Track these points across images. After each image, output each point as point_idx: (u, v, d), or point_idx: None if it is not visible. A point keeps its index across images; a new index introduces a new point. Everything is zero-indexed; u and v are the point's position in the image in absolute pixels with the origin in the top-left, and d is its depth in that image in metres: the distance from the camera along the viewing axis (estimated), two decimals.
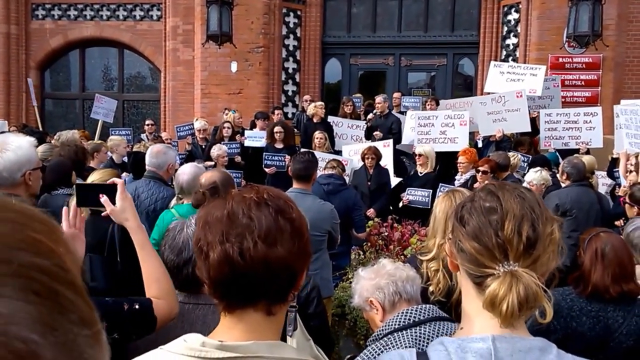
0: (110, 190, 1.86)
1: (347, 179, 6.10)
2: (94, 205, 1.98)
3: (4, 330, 0.34)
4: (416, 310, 1.71)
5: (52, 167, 3.65)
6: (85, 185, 2.08)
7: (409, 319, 1.69)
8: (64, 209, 1.86)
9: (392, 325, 1.70)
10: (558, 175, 5.41)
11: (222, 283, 1.04)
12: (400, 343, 1.62)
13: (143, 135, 9.01)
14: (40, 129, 10.37)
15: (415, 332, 1.65)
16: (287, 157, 7.04)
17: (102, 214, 1.91)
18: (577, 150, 7.05)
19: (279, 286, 1.05)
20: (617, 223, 4.75)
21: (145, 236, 1.90)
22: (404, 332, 1.66)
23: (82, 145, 5.79)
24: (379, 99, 8.36)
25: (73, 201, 1.89)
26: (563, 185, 5.09)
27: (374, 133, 7.96)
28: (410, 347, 1.58)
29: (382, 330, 1.72)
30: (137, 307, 1.63)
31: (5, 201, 0.42)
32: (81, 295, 0.41)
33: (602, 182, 6.39)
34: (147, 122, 9.30)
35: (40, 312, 0.36)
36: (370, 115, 8.45)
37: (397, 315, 1.72)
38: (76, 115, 12.96)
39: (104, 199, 1.83)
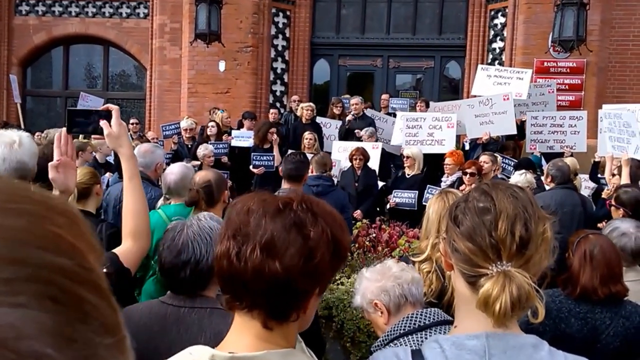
0: (104, 117, 1.78)
1: (335, 180, 6.09)
2: (85, 132, 1.93)
3: (16, 347, 0.29)
4: (421, 315, 1.69)
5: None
6: (76, 111, 1.94)
7: (414, 324, 1.66)
8: (56, 135, 1.79)
9: (397, 330, 1.68)
10: (542, 178, 5.46)
11: (221, 276, 1.01)
12: None
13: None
14: (22, 126, 10.21)
15: (422, 337, 1.62)
16: (276, 154, 7.02)
17: (94, 136, 1.87)
18: (561, 154, 7.14)
19: (275, 302, 0.98)
20: (599, 225, 4.80)
21: (136, 169, 1.87)
22: (410, 336, 1.64)
23: None
24: (354, 100, 8.25)
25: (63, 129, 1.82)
26: (547, 187, 5.13)
27: (356, 131, 7.88)
28: None
29: (388, 335, 1.70)
30: (106, 270, 1.62)
31: (22, 188, 0.36)
32: (105, 298, 0.36)
33: (585, 185, 6.47)
34: (131, 120, 9.18)
35: (58, 322, 0.32)
36: (349, 117, 8.39)
37: (403, 320, 1.69)
38: (57, 114, 12.75)
39: (103, 122, 1.76)
